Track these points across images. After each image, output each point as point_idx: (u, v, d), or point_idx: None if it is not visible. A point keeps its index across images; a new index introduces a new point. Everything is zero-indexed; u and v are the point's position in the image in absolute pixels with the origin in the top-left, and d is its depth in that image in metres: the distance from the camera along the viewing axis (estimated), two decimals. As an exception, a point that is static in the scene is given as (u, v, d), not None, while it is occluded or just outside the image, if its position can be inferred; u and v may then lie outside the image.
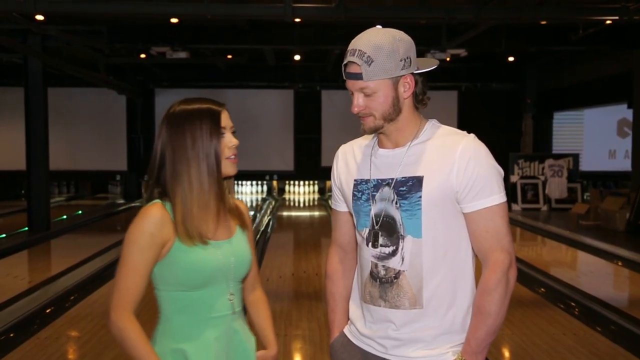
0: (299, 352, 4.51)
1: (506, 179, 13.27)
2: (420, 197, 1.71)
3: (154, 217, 1.70)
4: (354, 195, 1.84)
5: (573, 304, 5.79)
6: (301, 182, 16.55)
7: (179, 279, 1.72)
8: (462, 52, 10.76)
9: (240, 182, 16.38)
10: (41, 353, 4.40)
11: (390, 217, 1.76)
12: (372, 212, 1.79)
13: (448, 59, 10.79)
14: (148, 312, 1.98)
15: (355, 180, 1.85)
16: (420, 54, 1.84)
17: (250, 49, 11.99)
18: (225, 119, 1.78)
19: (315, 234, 10.40)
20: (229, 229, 1.82)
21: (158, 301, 1.78)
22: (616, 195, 10.38)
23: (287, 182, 16.52)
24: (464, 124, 15.21)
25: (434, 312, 1.75)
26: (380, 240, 1.78)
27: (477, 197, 1.70)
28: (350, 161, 1.89)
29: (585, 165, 14.82)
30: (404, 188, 1.74)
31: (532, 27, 10.24)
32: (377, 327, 1.81)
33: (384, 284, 1.78)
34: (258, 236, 9.38)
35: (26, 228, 9.90)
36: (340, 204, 1.95)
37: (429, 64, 1.77)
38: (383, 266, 1.77)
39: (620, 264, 7.65)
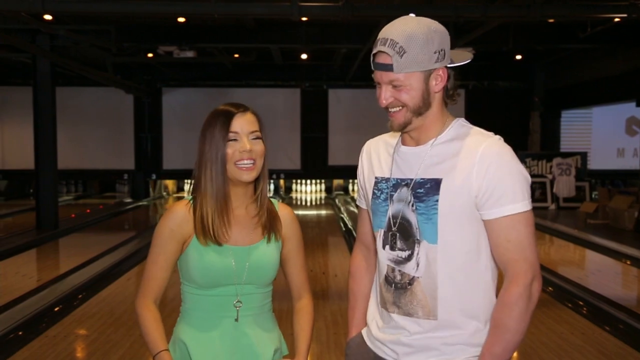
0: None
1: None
2: (437, 200, 1.62)
3: (176, 214, 1.80)
4: (373, 193, 1.78)
5: (581, 303, 5.77)
6: (308, 181, 16.54)
7: (191, 275, 1.79)
8: (469, 50, 10.72)
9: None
10: (49, 351, 4.42)
11: (406, 220, 1.68)
12: (389, 213, 1.71)
13: (455, 57, 10.76)
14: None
15: (376, 177, 1.78)
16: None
17: (257, 48, 12.00)
18: (240, 124, 1.77)
19: (322, 233, 10.40)
20: (252, 235, 1.82)
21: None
22: (624, 193, 10.33)
23: (294, 181, 16.52)
24: (471, 122, 15.21)
25: (449, 324, 1.65)
26: (396, 243, 1.70)
27: (498, 204, 1.58)
28: (374, 157, 1.82)
29: (593, 164, 14.75)
30: (422, 190, 1.65)
31: (540, 25, 10.19)
32: (390, 332, 1.74)
33: (398, 290, 1.70)
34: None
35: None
36: (364, 201, 1.88)
37: (464, 57, 1.68)
38: (399, 271, 1.70)
39: (628, 262, 7.62)
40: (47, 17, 8.33)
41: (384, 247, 1.74)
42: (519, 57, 12.92)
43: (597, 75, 12.78)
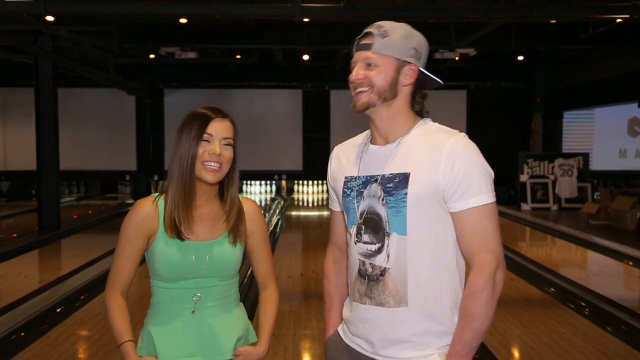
0: (308, 351, 4.52)
1: (516, 179, 13.15)
2: (406, 194, 1.70)
3: (142, 209, 1.89)
4: (343, 192, 1.86)
5: (583, 303, 5.76)
6: (310, 182, 16.55)
7: (155, 269, 1.89)
8: (471, 51, 10.72)
9: (249, 182, 16.42)
10: (51, 352, 4.43)
11: (376, 214, 1.76)
12: (360, 209, 1.79)
13: (457, 58, 10.76)
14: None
15: (345, 177, 1.87)
16: (429, 53, 1.85)
17: (259, 49, 12.01)
18: (217, 128, 1.86)
19: (324, 234, 10.38)
20: (214, 231, 1.90)
21: None
22: (626, 194, 10.32)
23: (295, 181, 16.53)
24: (473, 124, 15.26)
25: (420, 311, 1.72)
26: (366, 237, 1.78)
27: (464, 197, 1.67)
28: (343, 159, 1.91)
29: (595, 165, 14.75)
30: (391, 185, 1.73)
31: (542, 25, 10.20)
32: (365, 327, 1.81)
33: (371, 282, 1.77)
34: (267, 236, 9.38)
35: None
36: (336, 203, 1.96)
37: (435, 79, 1.80)
38: (370, 263, 1.77)
39: (630, 263, 7.61)
40: (49, 18, 8.35)
41: (356, 243, 1.81)
42: (520, 57, 12.92)
43: (599, 76, 12.77)
